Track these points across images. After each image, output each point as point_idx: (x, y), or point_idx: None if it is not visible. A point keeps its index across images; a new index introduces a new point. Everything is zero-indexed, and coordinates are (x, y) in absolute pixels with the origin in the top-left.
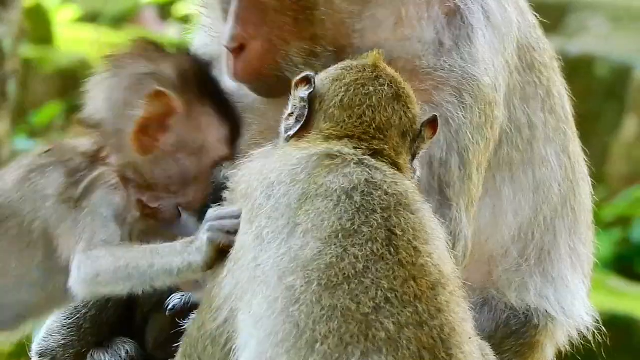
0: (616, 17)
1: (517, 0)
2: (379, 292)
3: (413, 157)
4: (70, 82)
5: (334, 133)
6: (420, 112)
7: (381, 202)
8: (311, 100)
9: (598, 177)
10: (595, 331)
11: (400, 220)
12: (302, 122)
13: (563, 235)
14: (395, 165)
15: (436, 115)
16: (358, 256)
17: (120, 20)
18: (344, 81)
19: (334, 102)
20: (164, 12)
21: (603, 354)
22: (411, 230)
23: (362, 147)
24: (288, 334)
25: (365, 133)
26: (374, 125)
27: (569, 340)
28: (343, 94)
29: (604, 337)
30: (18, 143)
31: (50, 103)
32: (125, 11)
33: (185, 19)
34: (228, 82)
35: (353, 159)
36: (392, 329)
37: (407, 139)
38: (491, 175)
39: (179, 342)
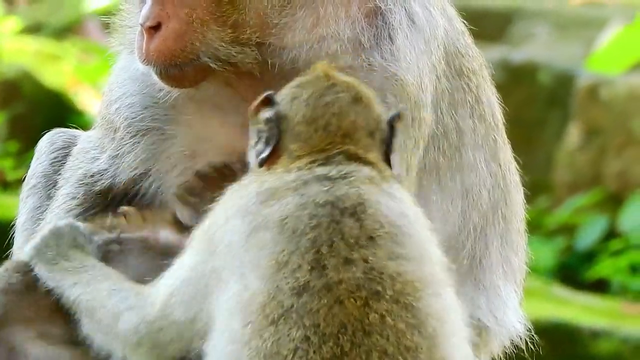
0: (560, 25)
1: (444, 7)
2: (299, 332)
3: (387, 155)
4: (13, 92)
5: (303, 153)
6: (383, 111)
7: (310, 220)
8: (277, 120)
9: (542, 185)
10: (537, 339)
11: (332, 232)
12: (273, 144)
13: (494, 243)
14: (365, 161)
15: (400, 112)
16: (286, 291)
17: (63, 32)
18: (302, 97)
19: (297, 119)
20: (107, 23)
21: None
22: (344, 239)
23: (314, 162)
24: None
25: (332, 143)
26: (340, 133)
27: (506, 351)
28: (304, 109)
29: (538, 346)
30: None
31: None
32: (69, 22)
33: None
34: (139, 70)
35: (291, 185)
36: None
37: (376, 138)
38: (419, 180)
39: None
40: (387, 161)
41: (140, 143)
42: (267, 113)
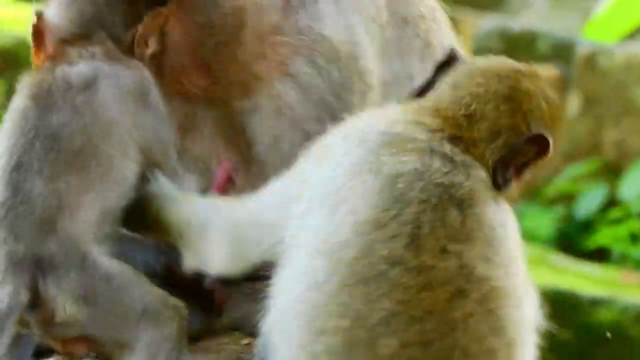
0: None
1: None
2: (390, 304)
3: (501, 165)
4: (9, 61)
5: (430, 107)
6: (534, 128)
7: (421, 193)
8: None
9: None
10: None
11: (437, 216)
12: (423, 87)
13: None
14: (483, 163)
15: (542, 135)
16: (380, 255)
17: None
18: (464, 66)
19: (446, 80)
20: None
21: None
22: (445, 227)
23: (444, 130)
24: (302, 314)
25: (454, 117)
26: (467, 112)
27: None
28: (457, 76)
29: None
30: None
31: None
32: None
33: None
34: None
35: (420, 146)
36: (396, 346)
37: (497, 142)
38: None
39: None
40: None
41: None
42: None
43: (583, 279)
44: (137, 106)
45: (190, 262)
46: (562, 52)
